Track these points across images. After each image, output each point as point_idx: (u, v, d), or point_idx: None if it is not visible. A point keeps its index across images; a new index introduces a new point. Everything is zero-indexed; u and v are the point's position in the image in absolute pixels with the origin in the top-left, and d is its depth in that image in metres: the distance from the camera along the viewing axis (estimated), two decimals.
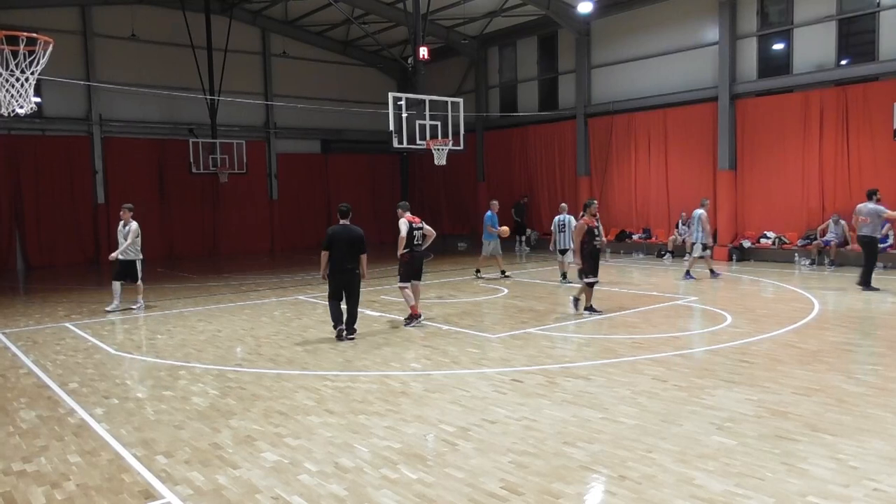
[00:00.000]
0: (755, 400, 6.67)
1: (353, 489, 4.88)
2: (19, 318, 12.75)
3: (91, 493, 4.92)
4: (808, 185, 18.23)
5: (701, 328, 10.53)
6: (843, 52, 17.65)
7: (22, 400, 7.35)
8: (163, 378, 8.16)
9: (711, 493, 4.65)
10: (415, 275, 11.17)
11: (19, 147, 22.07)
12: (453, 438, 5.84)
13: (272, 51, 27.31)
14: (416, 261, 11.10)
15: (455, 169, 24.54)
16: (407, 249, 10.94)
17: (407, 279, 11.08)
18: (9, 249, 22.17)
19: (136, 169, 24.16)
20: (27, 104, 8.09)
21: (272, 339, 10.31)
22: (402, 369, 8.31)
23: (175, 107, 24.42)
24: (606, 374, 7.75)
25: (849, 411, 6.29)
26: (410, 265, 11.05)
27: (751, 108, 19.26)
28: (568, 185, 24.14)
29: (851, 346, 9.19)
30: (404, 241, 10.86)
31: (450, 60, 27.41)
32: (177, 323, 11.84)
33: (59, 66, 14.86)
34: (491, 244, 16.82)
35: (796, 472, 4.97)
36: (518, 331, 10.38)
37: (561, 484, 4.86)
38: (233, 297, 14.79)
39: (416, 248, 11.04)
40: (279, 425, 6.30)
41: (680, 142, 20.89)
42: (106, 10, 23.50)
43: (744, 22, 19.33)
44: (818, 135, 17.92)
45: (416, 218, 11.07)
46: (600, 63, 23.05)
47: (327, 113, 26.38)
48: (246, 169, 24.46)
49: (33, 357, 9.39)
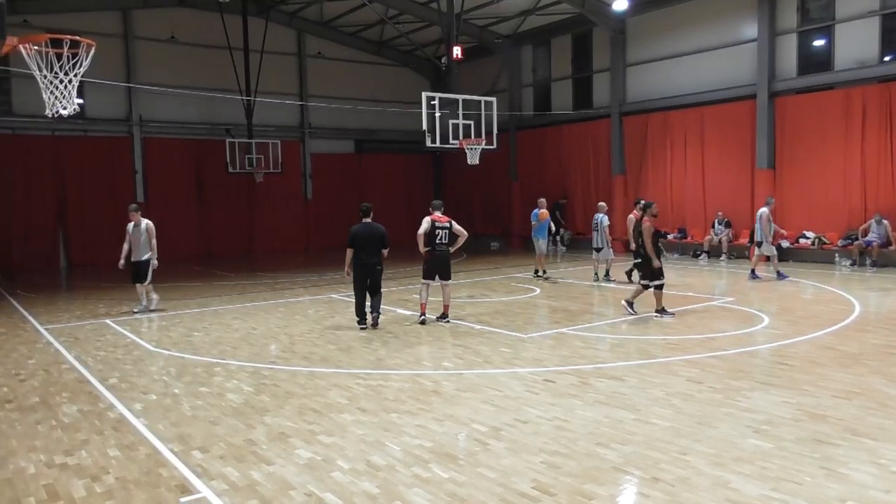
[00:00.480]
0: (793, 403, 6.54)
1: (384, 487, 4.91)
2: (62, 314, 13.07)
3: (129, 487, 5.02)
4: (850, 185, 17.80)
5: (737, 329, 10.34)
6: (887, 48, 17.19)
7: (64, 394, 7.54)
8: (199, 374, 8.30)
9: (747, 497, 4.57)
10: (438, 273, 11.11)
11: (62, 147, 22.64)
12: (485, 438, 5.84)
13: (307, 52, 27.59)
14: (437, 259, 11.03)
15: (488, 168, 24.44)
16: (429, 248, 10.97)
17: (426, 276, 11.14)
18: (53, 248, 22.75)
19: (174, 169, 24.63)
20: (70, 105, 8.26)
21: (306, 337, 10.42)
22: (434, 368, 8.33)
23: (213, 108, 24.80)
24: (640, 375, 7.67)
25: (891, 415, 6.13)
26: (431, 263, 11.06)
27: (791, 105, 18.88)
28: (602, 184, 23.93)
29: (894, 348, 8.95)
30: (422, 238, 10.95)
31: (483, 59, 27.36)
32: (213, 320, 12.03)
33: (101, 69, 15.22)
34: (540, 241, 16.32)
35: (835, 476, 4.87)
36: (551, 331, 10.33)
37: (593, 485, 4.83)
38: (267, 296, 14.98)
39: (438, 247, 11.00)
40: (312, 423, 6.37)
41: (717, 140, 20.56)
42: (146, 13, 23.98)
43: (784, 18, 18.95)
44: (860, 133, 17.49)
45: (444, 217, 11.05)
46: (636, 61, 22.80)
47: (361, 113, 26.54)
48: (281, 169, 24.76)
49: (75, 353, 9.62)
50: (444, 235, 11.04)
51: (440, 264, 11.10)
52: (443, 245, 11.06)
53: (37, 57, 7.93)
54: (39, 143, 22.22)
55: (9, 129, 21.73)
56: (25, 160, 22.01)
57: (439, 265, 11.11)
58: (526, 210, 26.41)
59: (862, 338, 9.42)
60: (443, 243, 11.05)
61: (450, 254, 11.21)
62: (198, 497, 4.85)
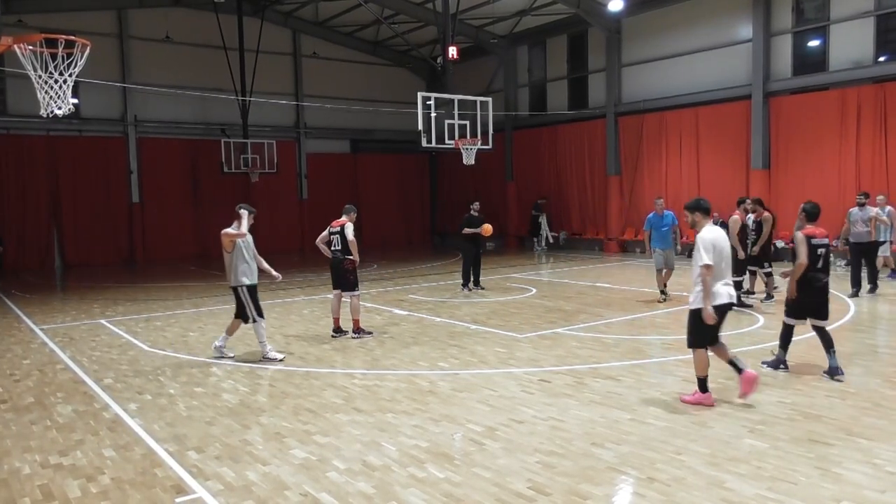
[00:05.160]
0: (788, 402, 6.56)
1: (380, 487, 4.91)
2: (57, 314, 13.03)
3: (125, 487, 5.01)
4: (845, 185, 17.85)
5: (732, 329, 10.35)
6: (881, 48, 17.25)
7: (59, 395, 7.52)
8: (194, 375, 8.29)
9: (743, 497, 4.58)
10: (333, 282, 10.36)
11: (57, 147, 22.59)
12: (481, 438, 5.84)
13: (303, 52, 27.56)
14: (331, 267, 10.29)
15: (484, 168, 24.48)
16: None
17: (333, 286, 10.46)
18: (47, 248, 22.70)
19: (169, 169, 24.59)
20: (65, 105, 8.25)
21: (301, 337, 10.40)
22: (430, 368, 8.33)
23: (208, 107, 24.76)
24: (635, 375, 7.69)
25: (885, 415, 6.15)
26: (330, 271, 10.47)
27: (785, 106, 18.93)
28: (598, 184, 23.98)
29: (889, 348, 8.98)
30: (320, 243, 10.44)
31: (479, 60, 27.38)
32: (208, 321, 12.01)
33: (95, 69, 15.19)
34: (663, 253, 12.70)
35: (830, 476, 4.88)
36: (546, 331, 10.34)
37: (589, 485, 4.84)
38: (262, 296, 14.87)
39: (333, 254, 10.23)
40: (308, 423, 6.36)
41: (712, 140, 20.61)
42: (141, 13, 23.93)
43: (778, 18, 19.01)
44: (855, 133, 17.55)
45: (338, 222, 10.24)
46: (631, 61, 22.84)
47: (357, 113, 26.54)
48: (276, 169, 24.74)
49: (70, 353, 9.60)
50: (337, 241, 10.18)
51: (333, 273, 10.29)
52: (336, 252, 10.20)
53: (31, 57, 7.91)
54: (34, 143, 22.16)
55: (3, 129, 21.67)
56: (20, 160, 21.96)
57: (333, 273, 10.30)
58: (523, 210, 26.54)
59: (857, 338, 9.45)
60: (336, 250, 10.20)
61: (342, 261, 10.13)
62: (193, 497, 4.84)
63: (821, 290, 7.47)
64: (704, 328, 6.43)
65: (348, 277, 10.17)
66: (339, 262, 10.17)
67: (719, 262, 6.39)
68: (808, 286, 7.40)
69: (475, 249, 14.75)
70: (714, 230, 6.48)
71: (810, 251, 7.33)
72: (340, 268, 10.17)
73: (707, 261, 6.30)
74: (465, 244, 14.76)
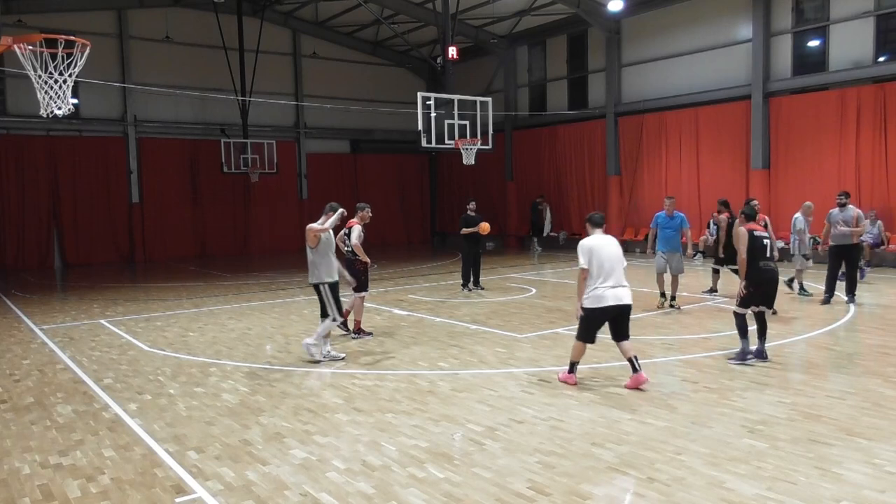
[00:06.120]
0: (788, 403, 6.56)
1: (380, 487, 4.91)
2: (56, 314, 13.03)
3: (125, 487, 5.01)
4: (845, 185, 17.75)
5: (732, 329, 10.34)
6: (881, 48, 17.26)
7: (59, 395, 7.52)
8: (194, 375, 8.28)
9: (742, 497, 4.58)
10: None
11: (57, 148, 22.59)
12: (480, 438, 5.84)
13: (302, 52, 27.55)
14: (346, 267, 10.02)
15: (483, 168, 24.51)
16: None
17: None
18: (47, 248, 22.70)
19: (169, 169, 24.59)
20: (65, 106, 8.24)
21: (301, 337, 10.39)
22: (430, 368, 8.33)
23: (207, 107, 24.77)
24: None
25: (885, 415, 6.15)
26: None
27: (785, 106, 18.93)
28: (598, 184, 23.98)
29: (889, 348, 8.98)
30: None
31: (479, 60, 27.38)
32: (208, 320, 12.01)
33: (95, 69, 15.21)
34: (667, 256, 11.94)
35: (830, 476, 4.88)
36: (546, 331, 10.34)
37: (588, 485, 4.84)
38: (263, 296, 14.95)
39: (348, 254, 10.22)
40: (308, 423, 6.36)
41: (712, 141, 20.61)
42: (141, 13, 23.92)
43: (778, 18, 19.01)
44: (855, 133, 17.55)
45: (350, 222, 10.26)
46: (631, 61, 22.84)
47: (356, 113, 26.54)
48: (276, 169, 24.72)
49: (70, 353, 9.60)
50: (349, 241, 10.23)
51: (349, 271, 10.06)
52: (348, 251, 10.26)
53: (31, 57, 7.90)
54: (34, 144, 22.16)
55: (3, 129, 21.67)
56: (20, 160, 21.96)
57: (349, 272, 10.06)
58: (523, 210, 26.55)
59: (857, 338, 9.45)
60: (348, 250, 10.24)
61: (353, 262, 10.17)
62: (193, 497, 4.84)
63: (772, 279, 8.16)
64: (586, 326, 7.30)
65: (359, 277, 10.24)
66: (351, 263, 10.30)
67: (600, 266, 7.10)
68: (759, 275, 8.03)
69: (475, 249, 14.76)
70: (597, 238, 7.24)
71: (754, 242, 8.00)
72: (353, 268, 10.27)
73: (581, 264, 7.20)
74: (464, 244, 14.77)
